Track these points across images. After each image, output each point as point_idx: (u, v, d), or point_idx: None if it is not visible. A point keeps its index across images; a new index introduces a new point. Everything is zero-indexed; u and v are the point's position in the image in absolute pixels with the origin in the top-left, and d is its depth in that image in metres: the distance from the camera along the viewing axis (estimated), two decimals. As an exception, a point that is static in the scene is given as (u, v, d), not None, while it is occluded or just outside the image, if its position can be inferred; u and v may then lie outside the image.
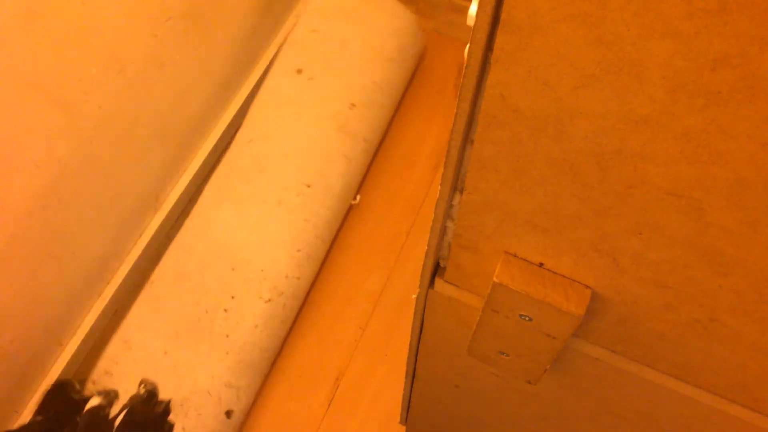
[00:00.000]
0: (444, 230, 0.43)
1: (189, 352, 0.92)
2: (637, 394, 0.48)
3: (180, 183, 1.10)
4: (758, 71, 0.24)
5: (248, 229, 1.00)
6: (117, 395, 0.89)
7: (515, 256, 0.40)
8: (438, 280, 0.48)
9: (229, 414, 0.91)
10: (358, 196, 1.16)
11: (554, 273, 0.40)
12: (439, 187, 0.39)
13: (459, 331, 0.52)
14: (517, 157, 0.33)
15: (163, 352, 0.92)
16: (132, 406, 0.88)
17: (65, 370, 0.97)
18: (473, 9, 0.34)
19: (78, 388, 0.91)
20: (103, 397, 0.88)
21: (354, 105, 1.12)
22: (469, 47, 0.30)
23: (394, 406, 1.03)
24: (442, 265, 0.48)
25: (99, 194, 0.91)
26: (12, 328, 0.85)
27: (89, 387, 0.92)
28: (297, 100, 1.09)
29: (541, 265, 0.40)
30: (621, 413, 0.52)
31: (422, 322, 0.54)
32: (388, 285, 1.13)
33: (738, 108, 0.25)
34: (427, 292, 0.50)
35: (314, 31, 1.16)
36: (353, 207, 1.18)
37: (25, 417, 0.91)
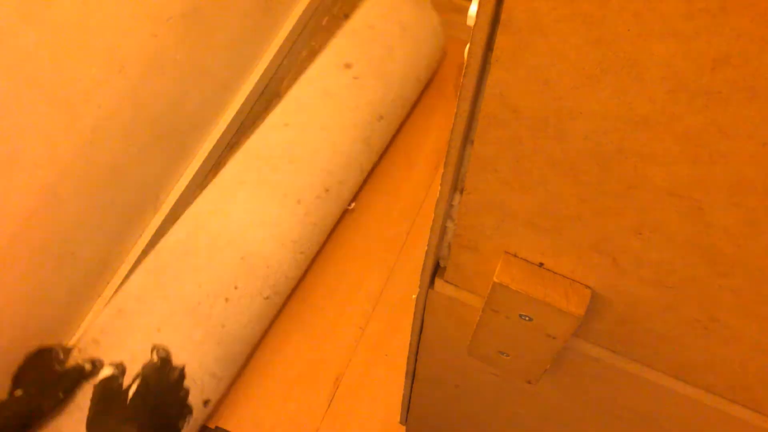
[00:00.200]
0: (444, 230, 0.43)
1: (182, 336, 0.88)
2: (637, 394, 0.48)
3: (180, 183, 1.09)
4: (758, 71, 0.24)
5: (264, 221, 0.97)
6: (124, 369, 0.83)
7: (515, 256, 0.40)
8: (438, 280, 0.48)
9: (206, 403, 0.89)
10: (353, 203, 1.16)
11: (554, 273, 0.40)
12: (439, 187, 0.39)
13: (459, 331, 0.52)
14: (517, 157, 0.33)
15: (156, 329, 0.87)
16: (145, 374, 0.82)
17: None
18: (473, 9, 0.34)
19: (61, 356, 0.84)
20: (115, 368, 0.82)
21: (381, 118, 1.11)
22: (469, 47, 0.30)
23: (394, 406, 1.03)
24: (442, 265, 0.48)
25: (99, 194, 0.91)
26: (12, 328, 0.85)
27: (74, 355, 0.85)
28: (339, 98, 1.07)
29: (541, 265, 0.40)
30: (621, 413, 0.52)
31: (422, 322, 0.54)
32: (388, 285, 1.13)
33: (738, 108, 0.25)
34: (427, 292, 0.50)
35: (371, 28, 1.14)
36: (348, 212, 1.19)
37: (2, 393, 0.83)
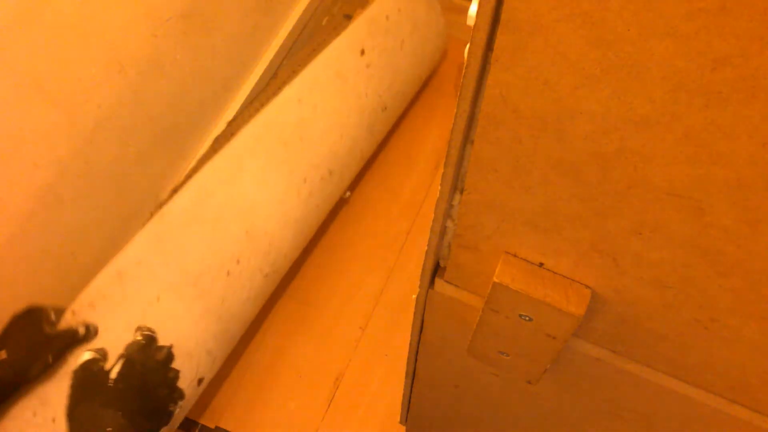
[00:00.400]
0: (444, 230, 0.43)
1: (182, 308, 0.83)
2: (637, 394, 0.48)
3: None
4: (758, 71, 0.24)
5: (271, 197, 0.94)
6: (106, 353, 0.76)
7: (515, 256, 0.40)
8: (438, 280, 0.48)
9: (200, 381, 0.86)
10: (348, 192, 1.16)
11: (554, 273, 0.40)
12: (439, 187, 0.39)
13: (459, 331, 0.52)
14: (517, 157, 0.33)
15: (155, 298, 0.82)
16: (129, 355, 0.76)
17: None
18: (473, 9, 0.34)
19: (53, 318, 0.78)
20: (96, 352, 0.76)
21: (385, 108, 1.12)
22: (469, 47, 0.30)
23: (394, 406, 1.03)
24: (442, 265, 0.48)
25: (99, 194, 0.91)
26: (12, 328, 0.85)
27: (67, 318, 0.79)
28: (350, 83, 1.07)
29: (541, 265, 0.40)
30: (621, 413, 0.52)
31: (422, 322, 0.54)
32: (388, 285, 1.13)
33: (738, 108, 0.25)
34: (427, 292, 0.50)
35: (387, 18, 1.15)
36: (347, 208, 1.19)
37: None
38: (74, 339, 0.76)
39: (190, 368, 0.84)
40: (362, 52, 1.09)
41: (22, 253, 0.81)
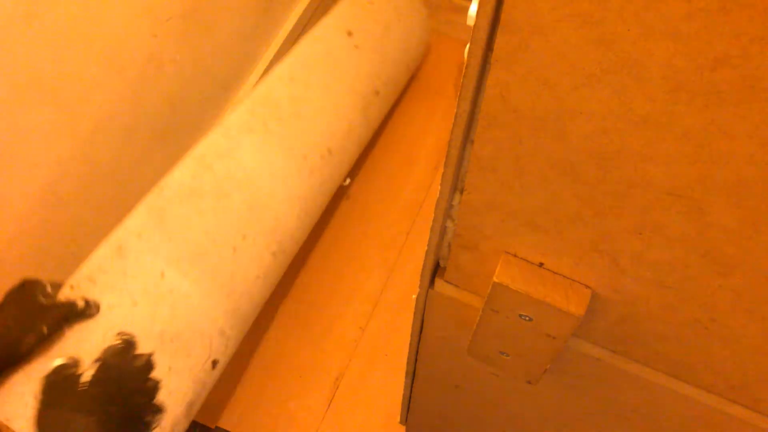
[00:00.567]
0: (444, 230, 0.43)
1: (190, 283, 0.79)
2: (637, 394, 0.48)
3: (180, 183, 1.10)
4: (758, 71, 0.24)
5: (272, 172, 0.92)
6: (78, 360, 0.70)
7: (515, 256, 0.40)
8: (438, 280, 0.48)
9: (214, 363, 0.81)
10: (348, 179, 1.16)
11: (554, 273, 0.40)
12: (439, 187, 0.39)
13: (459, 331, 0.52)
14: (517, 157, 0.33)
15: (160, 274, 0.78)
16: (105, 359, 0.70)
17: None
18: (473, 9, 0.34)
19: (49, 291, 0.73)
20: (68, 358, 0.69)
21: (378, 93, 1.13)
22: (469, 47, 0.30)
23: (394, 406, 1.03)
24: (442, 265, 0.48)
25: (99, 194, 0.91)
26: (12, 328, 0.85)
27: (65, 291, 0.74)
28: (340, 63, 1.08)
29: (541, 265, 0.40)
30: (621, 413, 0.52)
31: (422, 322, 0.54)
32: (388, 285, 1.13)
33: (738, 108, 0.25)
34: (427, 292, 0.50)
35: (371, 3, 1.18)
36: (347, 206, 1.18)
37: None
38: (72, 312, 0.73)
39: (201, 347, 0.79)
40: (349, 33, 1.11)
41: (22, 253, 0.81)
